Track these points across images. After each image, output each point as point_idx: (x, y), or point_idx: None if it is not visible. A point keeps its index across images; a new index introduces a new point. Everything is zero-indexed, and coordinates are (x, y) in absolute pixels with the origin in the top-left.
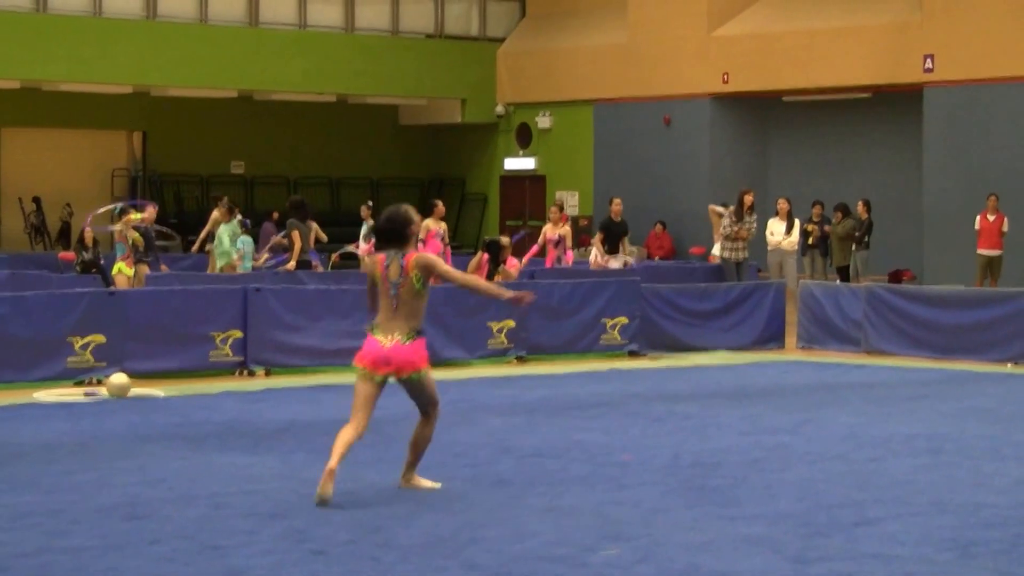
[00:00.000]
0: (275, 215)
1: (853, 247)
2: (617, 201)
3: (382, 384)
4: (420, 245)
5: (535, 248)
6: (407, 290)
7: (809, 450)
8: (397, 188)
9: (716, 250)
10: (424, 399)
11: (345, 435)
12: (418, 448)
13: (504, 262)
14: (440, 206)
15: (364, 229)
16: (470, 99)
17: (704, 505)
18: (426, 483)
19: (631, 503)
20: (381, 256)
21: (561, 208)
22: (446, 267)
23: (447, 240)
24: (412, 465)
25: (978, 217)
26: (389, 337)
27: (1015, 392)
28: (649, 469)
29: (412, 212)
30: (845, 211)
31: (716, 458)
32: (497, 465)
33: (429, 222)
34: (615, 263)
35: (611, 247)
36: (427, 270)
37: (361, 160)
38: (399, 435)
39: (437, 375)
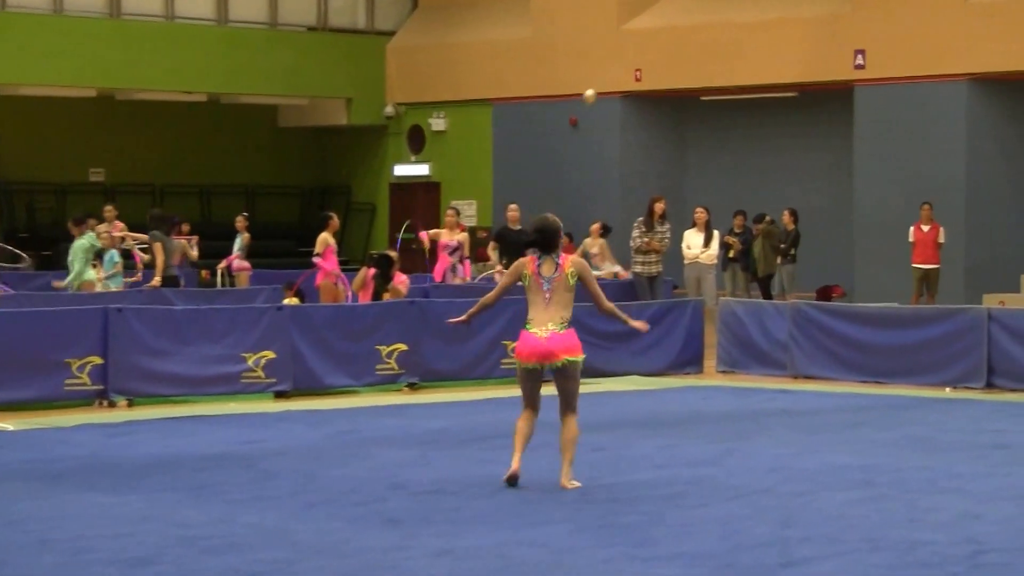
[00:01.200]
0: (185, 227)
1: (778, 260)
2: (514, 207)
3: (539, 372)
4: (318, 259)
5: (424, 235)
6: (560, 284)
7: (731, 484)
8: (276, 197)
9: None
10: (571, 389)
11: (522, 428)
12: (567, 449)
13: (392, 278)
14: (336, 219)
15: (238, 242)
16: (356, 99)
17: (617, 544)
18: (574, 483)
19: (537, 543)
20: (532, 257)
21: (458, 213)
22: (597, 285)
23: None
24: (567, 465)
25: (912, 228)
26: (544, 328)
27: (954, 419)
28: (556, 505)
29: (559, 221)
30: (761, 221)
31: (630, 493)
32: (388, 503)
33: (327, 236)
34: None
35: (512, 260)
36: (581, 274)
37: (235, 166)
38: (278, 471)
39: (319, 403)
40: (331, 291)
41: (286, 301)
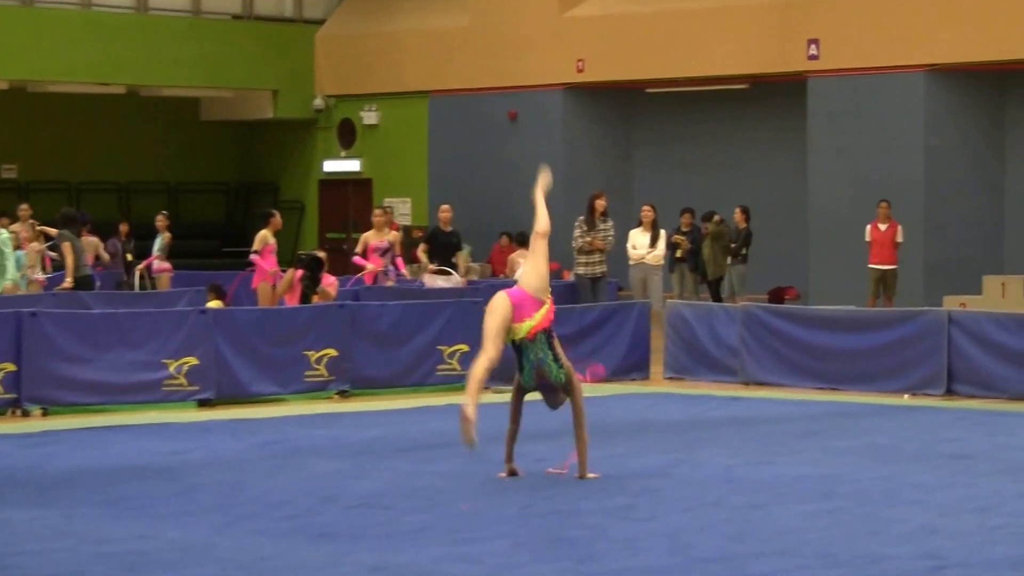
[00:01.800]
0: (124, 227)
1: (728, 260)
2: (446, 208)
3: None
4: (255, 257)
5: (359, 260)
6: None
7: (680, 496)
8: (199, 195)
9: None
10: None
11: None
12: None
13: (321, 280)
14: (278, 217)
15: (159, 242)
16: (283, 91)
17: (559, 560)
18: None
19: (474, 559)
20: None
21: (386, 212)
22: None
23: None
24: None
25: (869, 226)
26: None
27: (914, 427)
28: (495, 519)
29: None
30: (709, 220)
31: (572, 505)
32: (319, 516)
33: (267, 234)
34: (447, 281)
35: (443, 263)
36: (571, 378)
37: (156, 162)
38: (202, 483)
39: (245, 412)
40: (269, 294)
41: (209, 304)
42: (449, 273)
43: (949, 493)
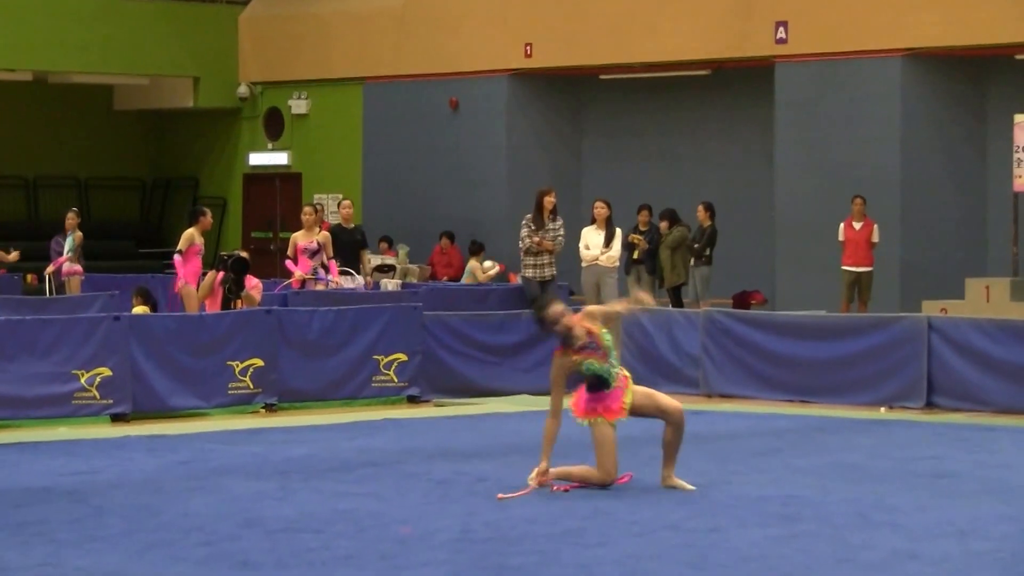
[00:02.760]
0: (69, 222)
1: (692, 262)
2: (347, 203)
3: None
4: (177, 257)
5: (291, 265)
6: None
7: (635, 518)
8: (112, 191)
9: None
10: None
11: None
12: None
13: (244, 284)
14: (209, 216)
15: (69, 242)
16: (205, 78)
17: None
18: (683, 484)
19: None
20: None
21: (316, 211)
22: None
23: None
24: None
25: (842, 225)
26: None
27: (889, 443)
28: (433, 544)
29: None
30: (673, 218)
31: (518, 529)
32: (241, 542)
33: (194, 232)
34: (349, 282)
35: (347, 262)
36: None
37: (65, 155)
38: (113, 506)
39: (161, 427)
40: (194, 297)
41: (136, 310)
42: (350, 274)
43: (927, 515)
